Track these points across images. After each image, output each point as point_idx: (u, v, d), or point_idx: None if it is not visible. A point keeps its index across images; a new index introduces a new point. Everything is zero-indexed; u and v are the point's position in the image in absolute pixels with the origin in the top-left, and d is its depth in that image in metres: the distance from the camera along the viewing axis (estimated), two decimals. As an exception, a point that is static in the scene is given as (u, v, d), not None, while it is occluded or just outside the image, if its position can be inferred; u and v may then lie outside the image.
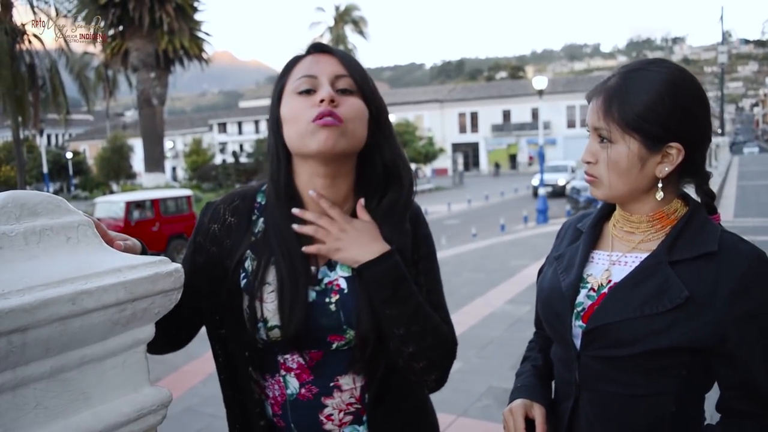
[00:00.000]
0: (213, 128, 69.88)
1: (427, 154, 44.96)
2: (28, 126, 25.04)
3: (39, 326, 0.70)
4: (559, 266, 1.39)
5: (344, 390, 1.31)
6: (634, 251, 1.31)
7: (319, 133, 1.22)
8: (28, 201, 0.80)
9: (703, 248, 1.22)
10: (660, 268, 1.23)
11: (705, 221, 1.28)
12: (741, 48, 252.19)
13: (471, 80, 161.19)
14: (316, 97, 1.24)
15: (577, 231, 1.45)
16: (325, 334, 1.27)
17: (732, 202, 17.19)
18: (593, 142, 1.29)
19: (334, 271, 1.30)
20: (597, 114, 1.27)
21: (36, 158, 43.16)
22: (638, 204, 1.30)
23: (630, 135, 1.23)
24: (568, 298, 1.31)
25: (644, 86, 1.23)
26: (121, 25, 30.48)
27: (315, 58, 1.30)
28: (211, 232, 1.34)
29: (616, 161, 1.26)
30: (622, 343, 1.21)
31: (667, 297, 1.19)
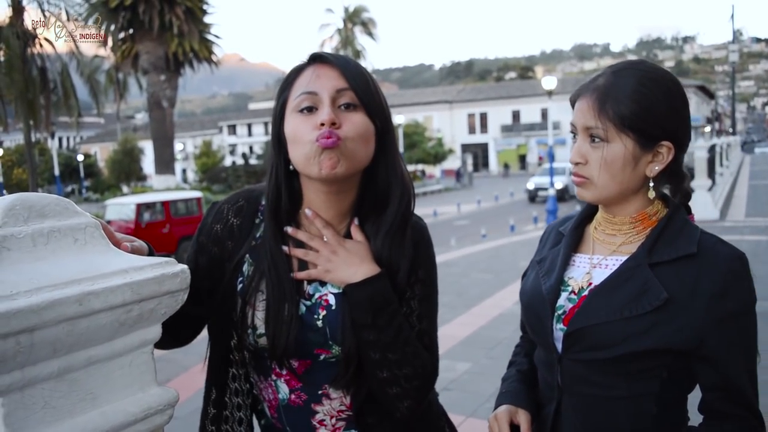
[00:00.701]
0: (223, 130, 70.14)
1: (436, 154, 44.93)
2: (39, 129, 25.26)
3: (46, 327, 0.71)
4: (540, 270, 1.39)
5: (333, 398, 1.30)
6: (615, 254, 1.31)
7: (320, 158, 1.20)
8: (36, 203, 0.80)
9: (682, 250, 1.22)
10: (639, 271, 1.22)
11: (684, 223, 1.28)
12: (752, 46, 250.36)
13: (480, 81, 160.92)
14: (317, 117, 1.21)
15: (559, 234, 1.44)
16: (312, 347, 1.27)
17: (743, 201, 17.07)
18: (583, 142, 1.28)
19: (325, 287, 1.29)
20: (589, 113, 1.25)
21: (48, 161, 43.45)
22: (624, 205, 1.30)
23: (625, 134, 1.23)
24: (549, 302, 1.31)
25: (637, 85, 1.23)
26: (131, 28, 30.65)
27: (315, 70, 1.26)
28: (213, 232, 1.34)
29: (612, 161, 1.24)
30: (602, 345, 1.21)
31: (647, 299, 1.19)
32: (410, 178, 1.35)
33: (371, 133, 1.26)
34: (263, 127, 66.93)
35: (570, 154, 1.33)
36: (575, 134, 1.31)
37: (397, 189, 1.31)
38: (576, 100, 1.31)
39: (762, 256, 9.10)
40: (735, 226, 12.34)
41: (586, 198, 1.30)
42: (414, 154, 43.64)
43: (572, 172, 1.30)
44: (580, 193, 1.31)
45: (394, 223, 1.30)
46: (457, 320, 6.83)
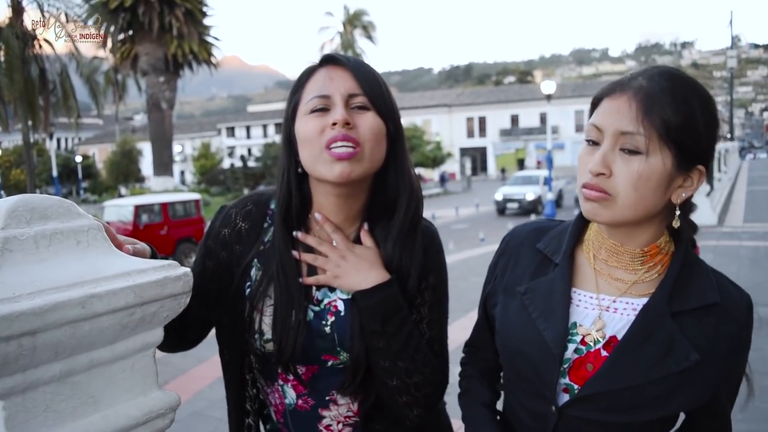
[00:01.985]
0: (221, 132, 70.14)
1: (435, 158, 44.93)
2: (38, 130, 25.22)
3: (49, 329, 0.71)
4: (530, 305, 1.17)
5: (340, 404, 1.29)
6: (626, 295, 1.12)
7: (335, 165, 1.18)
8: (38, 205, 0.80)
9: (703, 299, 1.09)
10: (662, 322, 1.07)
11: (697, 261, 1.14)
12: (750, 52, 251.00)
13: (479, 85, 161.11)
14: (329, 118, 1.20)
15: (540, 255, 1.22)
16: (319, 353, 1.26)
17: (741, 207, 17.09)
18: (610, 150, 1.05)
19: (334, 292, 1.28)
20: (629, 115, 1.03)
21: (46, 162, 43.39)
22: (638, 232, 1.11)
23: (668, 147, 1.02)
24: (557, 357, 1.10)
25: (683, 94, 1.04)
26: (130, 29, 30.74)
27: (328, 72, 1.24)
28: (221, 236, 1.33)
29: (648, 177, 1.03)
30: (621, 409, 1.07)
31: (674, 359, 1.05)
32: (419, 182, 1.33)
33: (384, 135, 1.25)
34: (262, 129, 67.01)
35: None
36: (592, 141, 1.08)
37: (405, 193, 1.29)
38: (604, 99, 1.08)
39: (761, 261, 9.12)
40: (733, 231, 12.35)
41: (599, 218, 1.08)
42: (412, 158, 43.05)
43: (586, 184, 1.06)
44: (592, 211, 1.08)
45: (404, 228, 1.29)
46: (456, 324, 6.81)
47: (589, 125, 1.10)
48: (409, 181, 1.30)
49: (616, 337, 1.10)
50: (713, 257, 9.42)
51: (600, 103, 1.09)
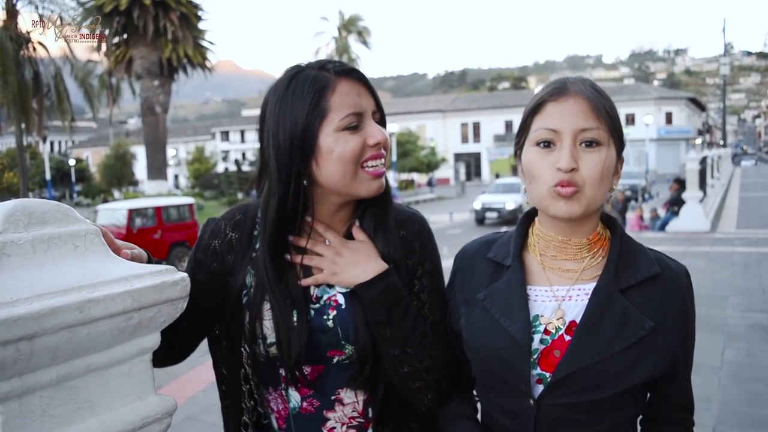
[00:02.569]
0: (215, 136, 70.10)
1: (429, 163, 45.00)
2: (32, 133, 25.14)
3: (46, 334, 0.70)
4: (491, 308, 1.21)
5: (346, 404, 1.30)
6: (578, 283, 1.20)
7: (372, 182, 1.25)
8: (36, 209, 0.80)
9: (646, 271, 1.18)
10: (614, 299, 1.15)
11: (634, 241, 1.24)
12: (743, 60, 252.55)
13: (473, 90, 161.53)
14: (363, 135, 1.24)
15: (492, 263, 1.28)
16: (324, 350, 1.27)
17: (734, 213, 17.17)
18: (573, 146, 1.13)
19: (333, 288, 1.30)
20: (586, 114, 1.14)
21: (39, 165, 43.23)
22: (585, 224, 1.20)
23: (614, 139, 1.16)
24: (525, 348, 1.15)
25: (606, 97, 1.18)
26: (125, 33, 30.69)
27: (354, 88, 1.25)
28: (211, 248, 1.33)
29: (609, 167, 1.15)
30: (592, 386, 1.13)
31: (631, 330, 1.13)
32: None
33: None
34: (256, 133, 66.80)
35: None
36: (546, 143, 1.15)
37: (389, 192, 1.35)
38: (548, 104, 1.16)
39: (753, 268, 9.15)
40: (726, 237, 12.41)
41: (573, 213, 1.14)
42: (407, 163, 43.71)
43: (561, 182, 1.12)
44: (567, 210, 1.13)
45: (389, 220, 1.33)
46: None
47: (541, 129, 1.16)
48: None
49: (575, 321, 1.17)
50: (706, 263, 9.45)
51: (543, 108, 1.17)
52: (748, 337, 5.81)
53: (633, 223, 15.69)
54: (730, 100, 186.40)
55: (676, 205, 14.71)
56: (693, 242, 11.69)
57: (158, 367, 1.32)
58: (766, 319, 6.37)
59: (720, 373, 4.89)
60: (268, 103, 1.28)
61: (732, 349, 5.46)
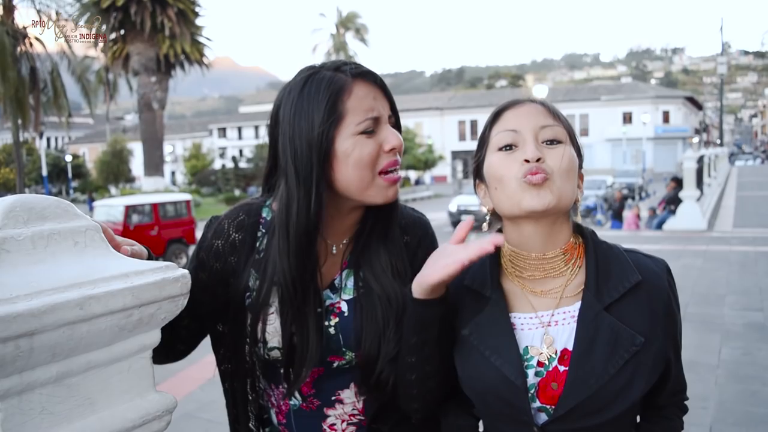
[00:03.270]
0: (213, 133, 69.95)
1: (426, 161, 45.02)
2: (28, 128, 25.05)
3: (46, 331, 0.70)
4: (479, 345, 1.18)
5: (346, 402, 1.30)
6: (560, 306, 1.17)
7: (388, 190, 1.23)
8: (36, 205, 0.79)
9: (627, 281, 1.15)
10: (600, 319, 1.13)
11: (609, 247, 1.21)
12: (740, 59, 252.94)
13: (471, 88, 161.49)
14: (380, 140, 1.22)
15: (470, 292, 1.24)
16: (325, 355, 1.26)
17: (731, 212, 17.21)
18: (536, 142, 1.14)
19: (337, 294, 1.29)
20: (544, 113, 1.17)
21: (35, 161, 43.17)
22: (557, 233, 1.17)
23: (570, 144, 1.18)
24: (521, 387, 1.13)
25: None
26: (122, 29, 30.61)
27: (370, 91, 1.23)
28: (214, 248, 1.31)
29: (570, 161, 1.15)
30: (596, 411, 1.11)
31: (622, 347, 1.11)
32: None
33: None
34: (254, 130, 66.82)
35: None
36: (508, 146, 1.16)
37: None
38: (505, 111, 1.20)
39: (749, 266, 9.17)
40: (723, 236, 12.43)
41: (545, 203, 1.10)
42: (404, 161, 43.08)
43: (529, 171, 1.11)
44: (538, 199, 1.11)
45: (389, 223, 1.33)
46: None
47: (503, 132, 1.18)
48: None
49: (567, 349, 1.14)
50: (703, 262, 9.47)
51: (501, 117, 1.20)
52: (745, 335, 5.82)
53: (630, 222, 15.71)
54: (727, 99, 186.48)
55: (673, 203, 14.74)
56: (690, 241, 11.71)
57: (157, 364, 1.32)
58: (762, 317, 6.39)
59: (717, 371, 4.90)
60: (282, 104, 1.25)
61: (729, 347, 5.47)
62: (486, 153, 1.21)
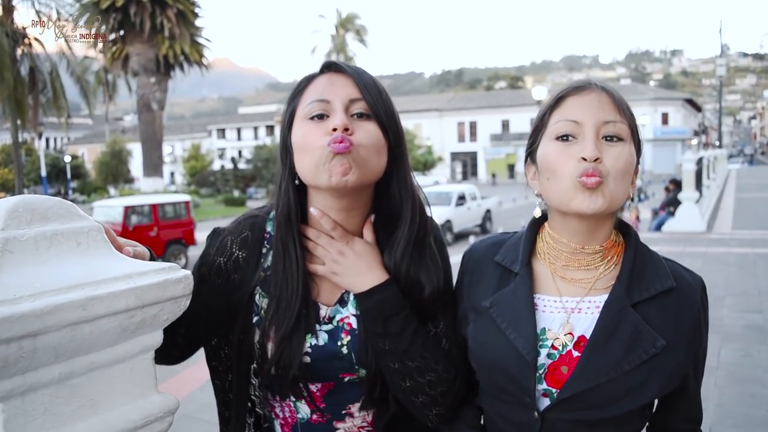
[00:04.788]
0: (212, 134, 69.95)
1: (425, 162, 45.03)
2: (27, 129, 25.04)
3: (49, 332, 0.70)
4: (498, 317, 1.17)
5: (356, 416, 1.28)
6: (589, 294, 1.15)
7: (331, 164, 1.14)
8: (39, 206, 0.79)
9: (660, 285, 1.13)
10: (625, 314, 1.10)
11: (649, 251, 1.18)
12: (739, 61, 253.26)
13: (470, 89, 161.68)
14: (328, 123, 1.16)
15: (500, 268, 1.23)
16: (337, 373, 1.24)
17: (730, 214, 17.22)
18: (596, 138, 1.09)
19: (346, 308, 1.26)
20: (609, 107, 1.10)
21: (34, 161, 43.12)
22: (599, 230, 1.15)
23: (632, 139, 1.12)
24: (531, 363, 1.11)
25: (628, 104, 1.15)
26: (122, 29, 30.57)
27: (329, 78, 1.21)
28: (216, 264, 1.28)
29: (631, 161, 1.10)
30: (600, 405, 1.09)
31: (641, 347, 1.09)
32: (422, 194, 1.30)
33: (383, 145, 1.21)
34: (253, 131, 66.86)
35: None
36: (568, 136, 1.11)
37: (408, 206, 1.26)
38: (569, 97, 1.14)
39: (748, 268, 9.17)
40: (722, 238, 12.43)
41: (597, 207, 1.07)
42: (403, 162, 43.66)
43: (586, 172, 1.06)
44: (589, 202, 1.07)
45: (411, 239, 1.25)
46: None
47: (563, 121, 1.11)
48: (412, 193, 1.28)
49: (584, 336, 1.12)
50: (702, 263, 9.47)
51: (564, 102, 1.14)
52: (744, 337, 5.82)
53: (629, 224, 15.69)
54: (726, 101, 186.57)
55: (672, 205, 14.74)
56: (689, 243, 11.71)
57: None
58: (761, 319, 6.39)
59: (716, 373, 4.90)
60: None
61: (728, 349, 5.47)
62: (542, 139, 1.16)
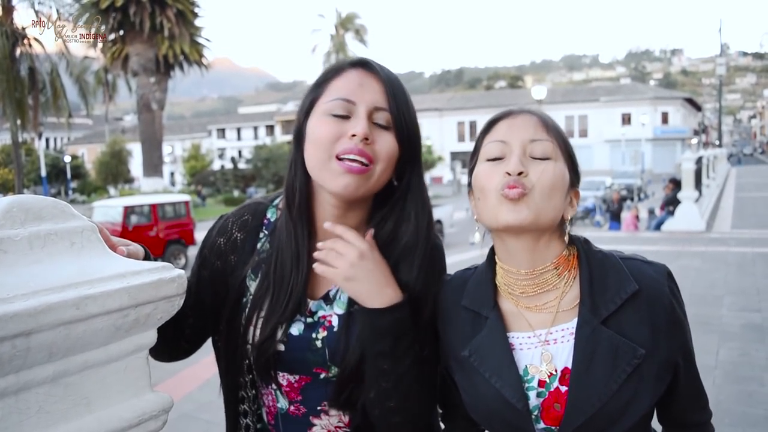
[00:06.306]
0: (212, 134, 69.97)
1: (425, 162, 45.04)
2: (27, 129, 25.04)
3: (43, 330, 0.70)
4: (480, 366, 1.16)
5: (332, 414, 1.28)
6: (556, 323, 1.15)
7: (342, 177, 1.14)
8: (33, 206, 0.80)
9: (624, 292, 1.12)
10: (598, 334, 1.10)
11: (602, 256, 1.17)
12: (739, 60, 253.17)
13: (470, 89, 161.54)
14: (348, 126, 1.15)
15: (470, 312, 1.21)
16: (311, 366, 1.25)
17: (729, 213, 17.22)
18: (522, 155, 1.12)
19: (330, 306, 1.26)
20: (536, 127, 1.15)
21: (34, 161, 43.11)
22: (547, 249, 1.15)
23: (564, 159, 1.15)
24: (524, 410, 1.11)
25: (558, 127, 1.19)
26: (121, 29, 30.60)
27: (359, 77, 1.19)
28: (216, 245, 1.30)
29: (558, 178, 1.12)
30: (604, 426, 1.09)
31: (623, 361, 1.08)
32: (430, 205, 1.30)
33: (396, 158, 1.21)
34: (252, 131, 66.88)
35: None
36: (495, 158, 1.14)
37: (422, 218, 1.26)
38: (499, 122, 1.18)
39: (747, 267, 9.18)
40: (721, 237, 12.44)
41: (521, 219, 1.09)
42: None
43: (508, 185, 1.09)
44: (515, 216, 1.09)
45: (425, 258, 1.25)
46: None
47: (493, 143, 1.16)
48: (425, 205, 1.28)
49: (567, 368, 1.12)
50: (701, 263, 9.48)
51: (494, 127, 1.18)
52: (743, 336, 5.83)
53: (628, 223, 15.72)
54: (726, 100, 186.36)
55: (671, 204, 14.75)
56: (688, 242, 11.72)
57: (162, 361, 1.32)
58: (760, 318, 6.40)
59: (714, 372, 4.90)
60: None
61: (726, 348, 5.47)
62: (476, 162, 1.19)
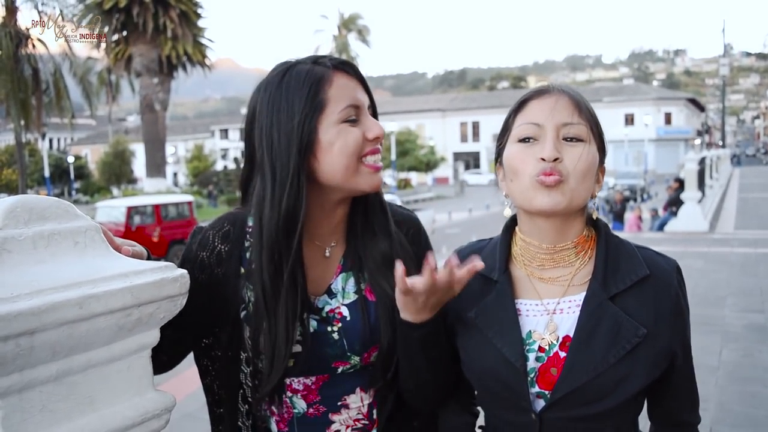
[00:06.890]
0: (215, 134, 70.02)
1: (428, 162, 45.00)
2: (30, 130, 25.10)
3: (47, 329, 0.71)
4: (484, 327, 1.19)
5: (352, 407, 1.30)
6: (566, 294, 1.18)
7: (372, 175, 1.24)
8: (36, 205, 0.80)
9: (635, 274, 1.16)
10: (604, 309, 1.13)
11: (621, 241, 1.21)
12: (742, 60, 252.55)
13: (473, 89, 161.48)
14: (363, 129, 1.23)
15: (480, 277, 1.21)
16: (330, 361, 1.25)
17: (733, 214, 17.19)
18: (556, 139, 1.13)
19: (335, 299, 1.28)
20: (568, 110, 1.15)
21: (38, 162, 43.16)
22: (570, 227, 1.18)
23: (594, 140, 1.17)
24: (521, 369, 1.14)
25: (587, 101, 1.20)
26: (125, 30, 30.64)
27: (352, 82, 1.25)
28: (199, 259, 1.28)
29: (592, 161, 1.15)
30: (592, 400, 1.12)
31: (624, 338, 1.11)
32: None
33: None
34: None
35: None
36: (529, 139, 1.15)
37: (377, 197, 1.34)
38: (530, 101, 1.18)
39: (750, 268, 9.17)
40: (724, 238, 12.42)
41: (556, 205, 1.11)
42: (406, 162, 43.76)
43: (544, 171, 1.10)
44: (551, 202, 1.11)
45: (385, 218, 1.33)
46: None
47: (525, 124, 1.16)
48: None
49: (569, 336, 1.15)
50: (704, 263, 9.47)
51: (526, 106, 1.18)
52: (745, 337, 5.82)
53: (631, 223, 15.70)
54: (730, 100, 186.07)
55: (674, 205, 14.73)
56: (691, 242, 11.70)
57: None
58: (763, 319, 6.39)
59: (717, 373, 4.90)
60: (259, 100, 1.23)
61: (729, 349, 5.47)
62: (507, 141, 1.21)
